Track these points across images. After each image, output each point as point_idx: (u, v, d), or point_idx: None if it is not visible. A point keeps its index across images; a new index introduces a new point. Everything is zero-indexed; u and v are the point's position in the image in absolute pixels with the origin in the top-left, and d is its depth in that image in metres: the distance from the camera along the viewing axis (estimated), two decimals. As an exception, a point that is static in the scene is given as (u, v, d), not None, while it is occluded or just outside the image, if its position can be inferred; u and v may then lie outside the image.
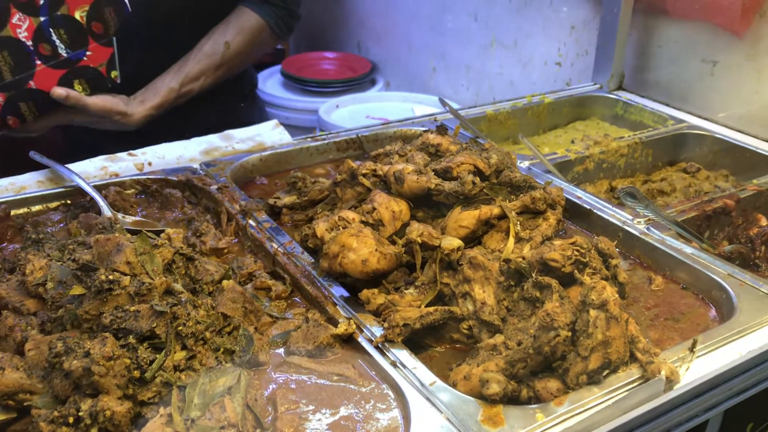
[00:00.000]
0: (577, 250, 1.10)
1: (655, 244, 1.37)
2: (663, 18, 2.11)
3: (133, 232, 1.36)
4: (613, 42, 2.21)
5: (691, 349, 1.07)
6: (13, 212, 1.42)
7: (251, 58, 2.12)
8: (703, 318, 1.23)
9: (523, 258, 1.13)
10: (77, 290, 0.97)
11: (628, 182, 1.83)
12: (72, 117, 1.78)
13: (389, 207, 1.25)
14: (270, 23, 2.01)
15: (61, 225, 1.44)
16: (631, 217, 1.45)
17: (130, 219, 1.44)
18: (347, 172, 1.39)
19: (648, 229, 1.41)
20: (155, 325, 0.93)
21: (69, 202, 1.49)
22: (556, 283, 1.06)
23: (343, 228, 1.21)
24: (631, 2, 2.15)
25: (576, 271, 1.09)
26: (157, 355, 0.92)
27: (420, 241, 1.15)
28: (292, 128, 3.37)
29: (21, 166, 1.56)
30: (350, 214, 1.24)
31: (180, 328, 0.94)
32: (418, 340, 1.12)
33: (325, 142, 1.78)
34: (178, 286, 1.03)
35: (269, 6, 2.02)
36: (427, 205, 1.31)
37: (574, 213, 1.50)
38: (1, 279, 1.15)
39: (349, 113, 3.16)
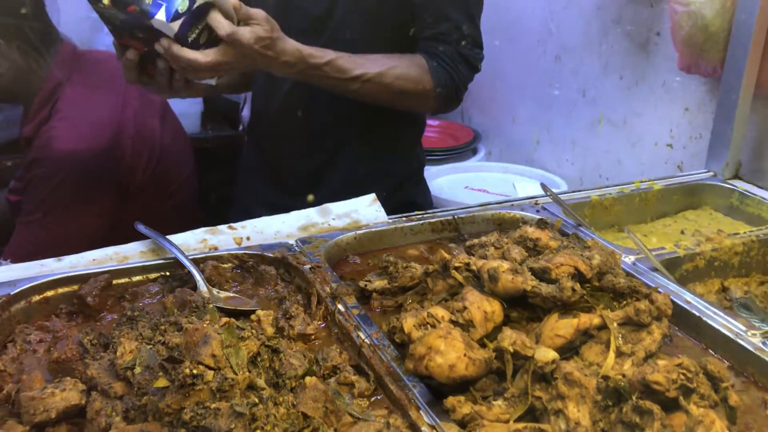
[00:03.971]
0: (684, 374, 1.02)
1: (773, 362, 1.25)
2: (787, 105, 2.00)
3: (225, 311, 1.38)
4: (731, 127, 2.10)
5: (813, 498, 0.96)
6: (114, 281, 1.47)
7: (392, 97, 1.94)
8: (827, 454, 1.11)
9: (624, 376, 1.06)
10: (161, 383, 0.97)
11: (742, 283, 1.70)
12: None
13: (481, 307, 1.20)
14: (435, 84, 1.93)
15: (159, 297, 1.47)
16: (744, 329, 1.34)
17: (223, 294, 1.46)
18: (439, 263, 1.36)
19: (764, 343, 1.30)
20: (233, 426, 0.92)
21: (168, 273, 1.52)
22: (659, 410, 0.98)
23: (432, 327, 1.17)
24: (752, 86, 2.05)
25: (681, 397, 1.00)
26: (234, 457, 0.91)
27: (512, 350, 1.09)
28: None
29: (128, 236, 1.61)
30: (440, 312, 1.20)
31: (257, 431, 0.93)
32: (504, 456, 1.05)
33: (420, 222, 1.76)
34: (260, 382, 1.02)
35: (446, 71, 1.95)
36: (522, 305, 1.26)
37: (682, 318, 1.40)
38: (95, 356, 1.17)
39: (448, 183, 3.14)
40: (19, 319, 1.37)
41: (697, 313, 1.39)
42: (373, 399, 1.17)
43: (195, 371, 0.96)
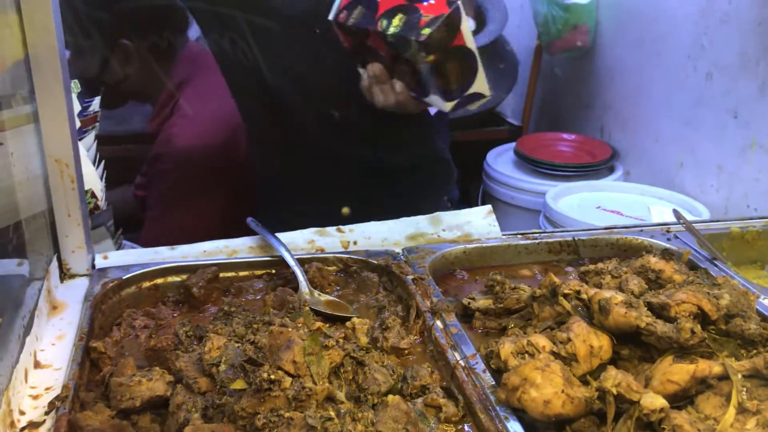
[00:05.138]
0: (818, 444, 0.88)
1: None
2: None
3: (322, 315, 1.36)
4: None
5: None
6: (221, 275, 1.48)
7: None
8: None
9: (744, 437, 0.93)
10: (239, 384, 0.96)
11: None
12: None
13: (587, 341, 1.10)
14: None
15: (262, 294, 1.47)
16: None
17: (324, 298, 1.44)
18: (548, 288, 1.26)
19: None
20: (305, 438, 0.88)
21: (273, 271, 1.52)
22: (783, 482, 0.85)
23: (530, 356, 1.08)
24: None
25: (813, 471, 0.87)
26: (302, 471, 0.87)
27: (615, 392, 0.99)
28: (515, 208, 3.29)
29: (242, 230, 1.63)
30: (541, 341, 1.12)
31: (329, 447, 0.89)
32: None
33: (536, 241, 1.66)
34: (340, 395, 0.98)
35: None
36: (636, 343, 1.14)
37: (826, 376, 1.23)
38: (188, 348, 1.18)
39: (579, 201, 2.99)
40: (128, 303, 1.42)
41: None
42: (459, 426, 1.09)
43: (273, 376, 0.94)
